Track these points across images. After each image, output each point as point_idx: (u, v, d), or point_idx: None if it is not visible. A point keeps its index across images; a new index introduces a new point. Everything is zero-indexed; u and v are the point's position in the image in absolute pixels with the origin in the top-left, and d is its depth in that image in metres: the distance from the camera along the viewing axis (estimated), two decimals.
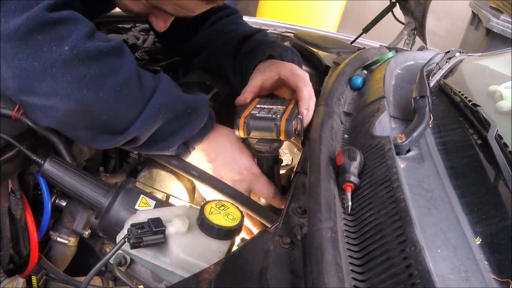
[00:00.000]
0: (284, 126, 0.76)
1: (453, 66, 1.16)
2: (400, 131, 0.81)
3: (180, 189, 0.91)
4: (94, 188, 0.74)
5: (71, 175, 0.74)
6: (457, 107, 0.89)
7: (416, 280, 0.47)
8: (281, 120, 0.76)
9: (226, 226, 0.66)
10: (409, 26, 1.61)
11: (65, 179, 0.74)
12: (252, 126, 0.77)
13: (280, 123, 0.76)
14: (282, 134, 0.77)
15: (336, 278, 0.48)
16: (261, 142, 0.79)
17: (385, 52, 1.35)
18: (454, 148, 0.79)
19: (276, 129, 0.76)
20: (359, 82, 1.12)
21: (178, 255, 0.64)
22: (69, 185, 0.74)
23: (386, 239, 0.54)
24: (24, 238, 0.79)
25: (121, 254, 0.71)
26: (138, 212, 0.70)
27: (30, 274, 0.80)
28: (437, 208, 0.62)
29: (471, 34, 3.51)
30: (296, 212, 0.64)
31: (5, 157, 0.69)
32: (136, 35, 1.37)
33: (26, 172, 0.78)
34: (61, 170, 0.74)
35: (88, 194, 0.74)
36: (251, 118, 0.78)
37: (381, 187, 0.63)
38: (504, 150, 0.66)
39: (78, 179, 0.74)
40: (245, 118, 0.78)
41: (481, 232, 0.58)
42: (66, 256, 0.86)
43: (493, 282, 0.51)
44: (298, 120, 0.79)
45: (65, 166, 0.75)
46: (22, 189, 0.77)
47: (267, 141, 0.79)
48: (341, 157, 0.68)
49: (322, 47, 1.43)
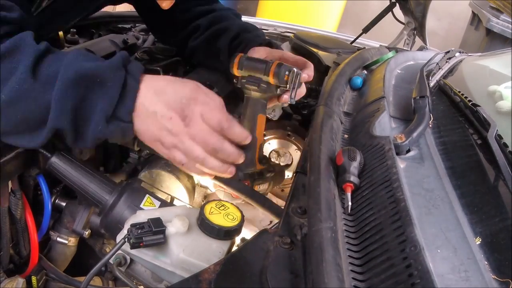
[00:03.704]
0: (274, 67, 0.80)
1: (453, 66, 1.16)
2: (400, 131, 0.81)
3: (180, 190, 0.91)
4: (100, 184, 0.74)
5: (77, 170, 0.74)
6: (457, 107, 0.89)
7: (416, 280, 0.47)
8: (273, 63, 0.80)
9: (226, 226, 0.66)
10: (409, 26, 1.61)
11: (72, 174, 0.74)
12: (246, 64, 0.81)
13: (271, 64, 0.80)
14: (271, 74, 0.79)
15: (336, 278, 0.48)
16: (251, 80, 0.82)
17: (385, 52, 1.35)
18: (454, 148, 0.79)
19: (266, 68, 0.80)
20: (359, 82, 1.12)
21: (178, 255, 0.64)
22: (75, 180, 0.74)
23: (386, 239, 0.54)
24: (24, 238, 0.79)
25: (121, 254, 0.71)
26: (138, 212, 0.70)
27: (30, 274, 0.80)
28: (437, 208, 0.62)
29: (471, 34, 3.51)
30: (296, 212, 0.64)
31: (5, 158, 0.70)
32: (136, 35, 1.37)
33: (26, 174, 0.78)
34: (68, 164, 0.74)
35: (93, 190, 0.74)
36: (247, 58, 0.82)
37: (381, 187, 0.63)
38: (504, 150, 0.66)
39: (85, 174, 0.75)
40: (241, 57, 0.82)
41: (481, 232, 0.58)
42: (66, 256, 0.86)
43: (493, 282, 0.51)
44: (292, 72, 0.81)
45: (72, 161, 0.75)
46: (22, 189, 0.77)
47: (256, 80, 0.82)
48: (341, 157, 0.68)
49: (322, 47, 1.43)
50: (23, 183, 0.79)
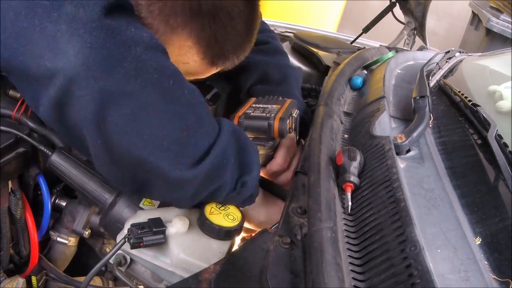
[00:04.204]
0: (277, 125, 0.76)
1: (453, 66, 1.16)
2: (400, 131, 0.81)
3: None
4: (99, 183, 0.74)
5: (77, 168, 0.74)
6: (457, 107, 0.89)
7: (416, 280, 0.47)
8: (275, 119, 0.76)
9: (227, 227, 0.66)
10: (409, 26, 1.61)
11: (72, 172, 0.74)
12: (246, 125, 0.77)
13: (273, 122, 0.76)
14: (276, 133, 0.77)
15: (336, 278, 0.48)
16: (256, 141, 0.79)
17: (385, 52, 1.35)
18: (454, 148, 0.79)
19: (270, 128, 0.76)
20: (359, 82, 1.12)
21: (178, 256, 0.64)
22: (75, 178, 0.74)
23: (386, 239, 0.54)
24: (24, 238, 0.79)
25: (121, 254, 0.71)
26: (138, 212, 0.70)
27: (30, 274, 0.80)
28: (437, 208, 0.62)
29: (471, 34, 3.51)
30: (296, 212, 0.64)
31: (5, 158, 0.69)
32: None
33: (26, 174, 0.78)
34: (68, 163, 0.74)
35: (93, 188, 0.74)
36: (245, 118, 0.78)
37: (381, 187, 0.63)
38: (504, 150, 0.66)
39: (85, 172, 0.74)
40: (239, 118, 0.77)
41: (481, 232, 0.58)
42: (66, 256, 0.86)
43: (493, 282, 0.51)
44: (292, 119, 0.79)
45: (72, 159, 0.75)
46: (22, 189, 0.77)
47: (261, 140, 0.79)
48: (341, 157, 0.68)
49: (322, 47, 1.43)
50: (23, 183, 0.79)
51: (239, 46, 0.72)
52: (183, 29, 0.66)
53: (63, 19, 0.51)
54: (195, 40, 0.68)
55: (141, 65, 0.54)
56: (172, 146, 0.57)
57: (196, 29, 0.67)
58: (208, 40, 0.68)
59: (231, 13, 0.68)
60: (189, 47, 0.68)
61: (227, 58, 0.73)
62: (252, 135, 0.78)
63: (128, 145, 0.56)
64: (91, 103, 0.53)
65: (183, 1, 0.65)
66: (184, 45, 0.68)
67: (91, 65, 0.51)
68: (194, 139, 0.59)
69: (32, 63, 0.53)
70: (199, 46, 0.69)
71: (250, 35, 0.74)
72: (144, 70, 0.54)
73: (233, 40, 0.71)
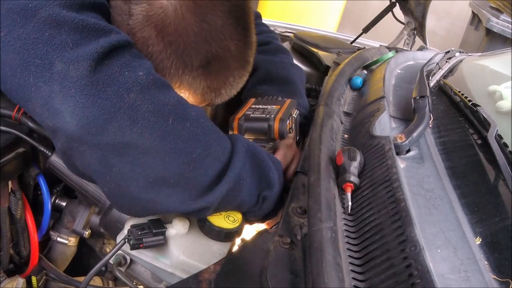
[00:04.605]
0: (278, 126, 0.76)
1: (453, 66, 1.16)
2: (400, 131, 0.81)
3: None
4: None
5: None
6: (457, 107, 0.89)
7: (416, 280, 0.47)
8: (275, 120, 0.76)
9: (227, 228, 0.66)
10: (409, 26, 1.61)
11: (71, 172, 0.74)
12: (246, 127, 0.77)
13: (273, 123, 0.76)
14: (276, 134, 0.76)
15: (336, 278, 0.48)
16: (257, 142, 0.78)
17: (385, 52, 1.35)
18: (454, 148, 0.79)
19: (270, 130, 0.76)
20: (359, 82, 1.12)
21: (178, 257, 0.64)
22: (74, 179, 0.74)
23: (386, 239, 0.54)
24: (24, 238, 0.79)
25: (121, 254, 0.71)
26: None
27: (30, 274, 0.80)
28: (437, 208, 0.62)
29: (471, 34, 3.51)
30: (296, 212, 0.64)
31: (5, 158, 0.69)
32: None
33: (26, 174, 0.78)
34: None
35: (93, 188, 0.74)
36: (245, 119, 0.77)
37: (381, 187, 0.63)
38: (504, 150, 0.66)
39: None
40: (239, 120, 0.77)
41: (481, 232, 0.58)
42: (66, 256, 0.86)
43: (493, 282, 0.51)
44: (292, 119, 0.79)
45: None
46: (22, 189, 0.77)
47: (262, 141, 0.79)
48: (341, 157, 0.68)
49: (322, 47, 1.43)
50: (23, 183, 0.79)
51: (234, 81, 0.72)
52: (175, 83, 0.66)
53: (55, 79, 0.52)
54: (188, 90, 0.68)
55: (135, 113, 0.54)
56: (180, 181, 0.57)
57: (188, 81, 0.67)
58: (202, 88, 0.68)
59: (223, 57, 0.67)
60: (182, 93, 0.68)
61: (223, 95, 0.72)
62: (252, 136, 0.78)
63: (137, 189, 0.57)
64: (94, 156, 0.54)
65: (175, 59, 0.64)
66: (178, 90, 0.68)
67: (85, 124, 0.52)
68: (202, 170, 0.59)
69: (36, 118, 0.56)
70: (193, 94, 0.69)
71: (245, 64, 0.72)
72: (139, 117, 0.54)
73: (229, 77, 0.70)
